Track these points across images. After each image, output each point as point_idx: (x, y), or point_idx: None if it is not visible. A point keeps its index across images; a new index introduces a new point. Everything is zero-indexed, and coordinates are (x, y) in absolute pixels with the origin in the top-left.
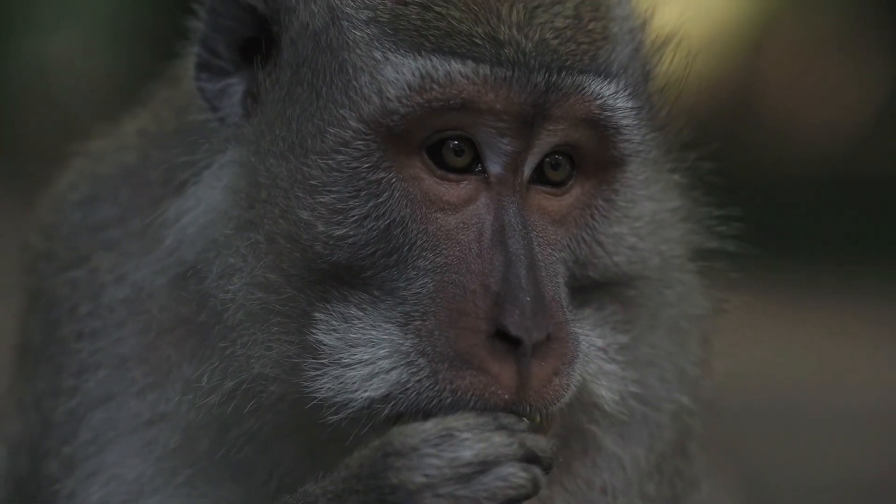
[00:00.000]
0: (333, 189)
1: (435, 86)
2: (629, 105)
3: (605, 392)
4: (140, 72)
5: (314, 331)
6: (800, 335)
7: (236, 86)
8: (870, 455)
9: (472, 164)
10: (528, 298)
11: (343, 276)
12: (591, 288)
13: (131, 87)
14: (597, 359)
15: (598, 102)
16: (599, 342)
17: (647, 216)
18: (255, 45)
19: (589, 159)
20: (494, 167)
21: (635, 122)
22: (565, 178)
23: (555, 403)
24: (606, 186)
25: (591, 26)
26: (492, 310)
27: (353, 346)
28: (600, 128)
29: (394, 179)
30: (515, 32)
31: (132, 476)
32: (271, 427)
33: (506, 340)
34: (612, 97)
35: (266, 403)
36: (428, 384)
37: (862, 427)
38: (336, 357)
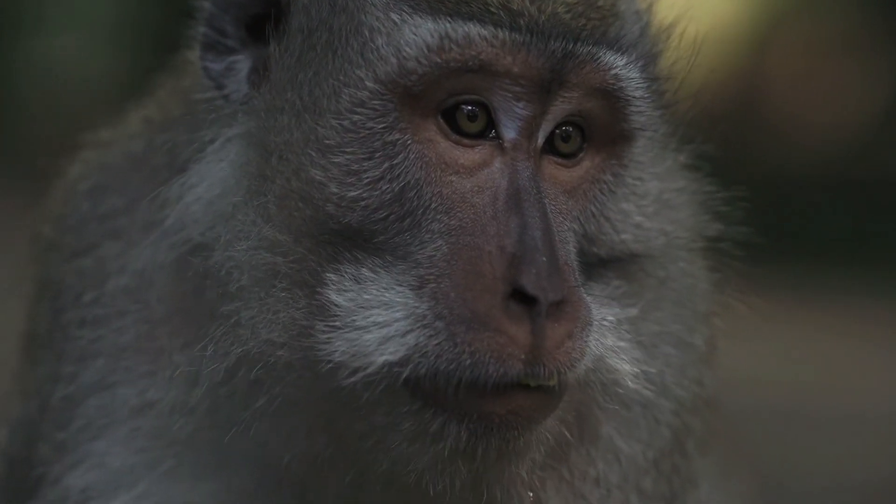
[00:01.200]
0: (348, 150)
1: (454, 46)
2: (640, 78)
3: (626, 366)
4: (144, 71)
5: (326, 291)
6: (802, 335)
7: (242, 63)
8: (874, 457)
9: (486, 129)
10: (543, 259)
11: (355, 240)
12: (596, 265)
13: (136, 86)
14: (611, 333)
15: (613, 73)
16: (610, 317)
17: (654, 195)
18: (261, 22)
19: (599, 132)
20: (509, 132)
21: (646, 96)
22: (576, 150)
23: (570, 367)
24: (615, 161)
25: (600, 3)
26: (507, 270)
27: (366, 308)
28: (613, 98)
29: (409, 141)
30: (528, 4)
31: (117, 465)
32: (281, 401)
33: (521, 302)
34: (625, 68)
35: (274, 374)
36: (447, 347)
37: (865, 428)
38: (349, 319)
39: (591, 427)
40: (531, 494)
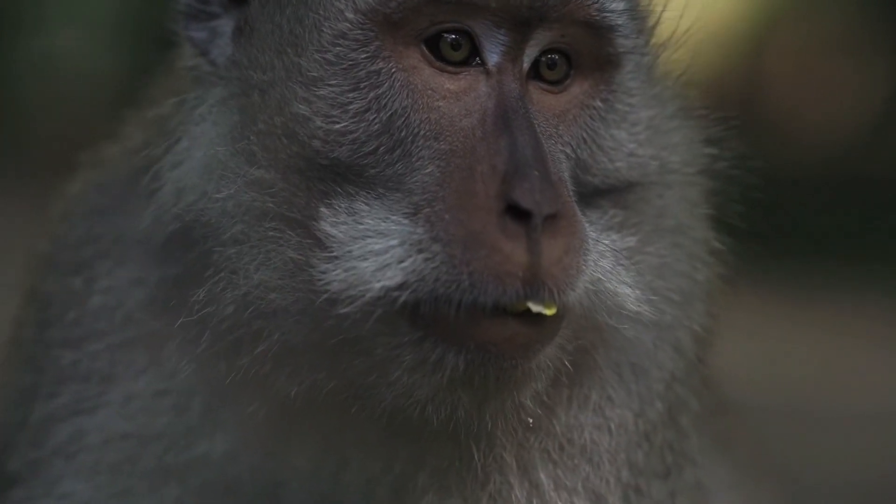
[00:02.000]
0: (332, 83)
1: None
2: (624, 5)
3: (626, 289)
4: (146, 69)
5: (321, 224)
6: (800, 333)
7: (225, 25)
8: (875, 456)
9: (470, 56)
10: (535, 173)
11: (346, 175)
12: (593, 195)
13: (138, 85)
14: (609, 256)
15: (596, 6)
16: (609, 244)
17: (645, 122)
18: None
19: (585, 58)
20: (493, 57)
21: (630, 22)
22: (563, 77)
23: (568, 285)
24: (604, 87)
25: None
26: (500, 187)
27: (362, 238)
28: (596, 27)
29: (393, 69)
30: None
31: (84, 499)
32: (280, 348)
33: (516, 218)
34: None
35: (272, 321)
36: (444, 269)
37: (866, 427)
38: (346, 250)
39: (588, 376)
40: (531, 420)
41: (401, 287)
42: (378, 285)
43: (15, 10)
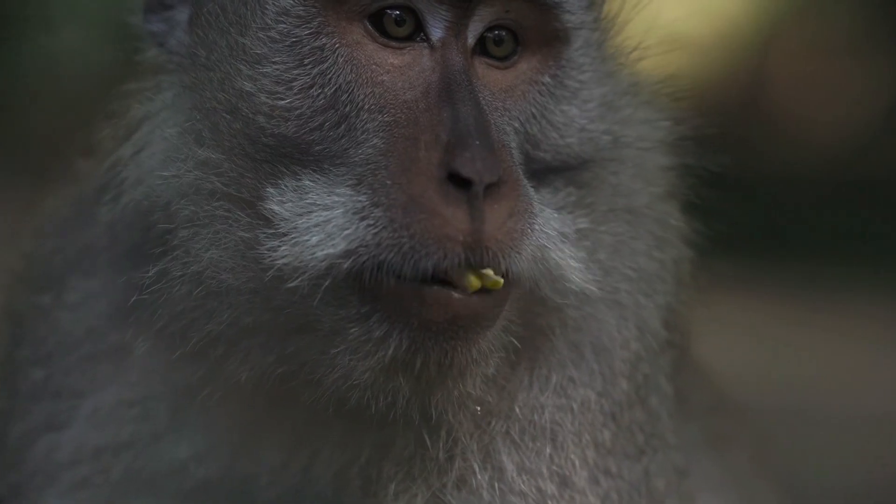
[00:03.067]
0: (276, 60)
1: None
2: None
3: (572, 262)
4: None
5: (267, 203)
6: (800, 334)
7: (180, 14)
8: (877, 457)
9: (415, 32)
10: (477, 143)
11: (292, 154)
12: (545, 172)
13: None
14: (557, 230)
15: None
16: (558, 224)
17: (598, 98)
18: None
19: (531, 34)
20: (436, 32)
21: None
22: (509, 53)
23: (513, 249)
24: (552, 62)
25: None
26: (443, 156)
27: (307, 213)
28: (540, 3)
29: (336, 45)
30: None
31: None
32: (229, 327)
33: (458, 186)
34: None
35: (223, 300)
36: (386, 234)
37: (867, 428)
38: (292, 225)
39: (540, 358)
40: (478, 409)
41: (344, 255)
42: (321, 253)
43: (17, 10)
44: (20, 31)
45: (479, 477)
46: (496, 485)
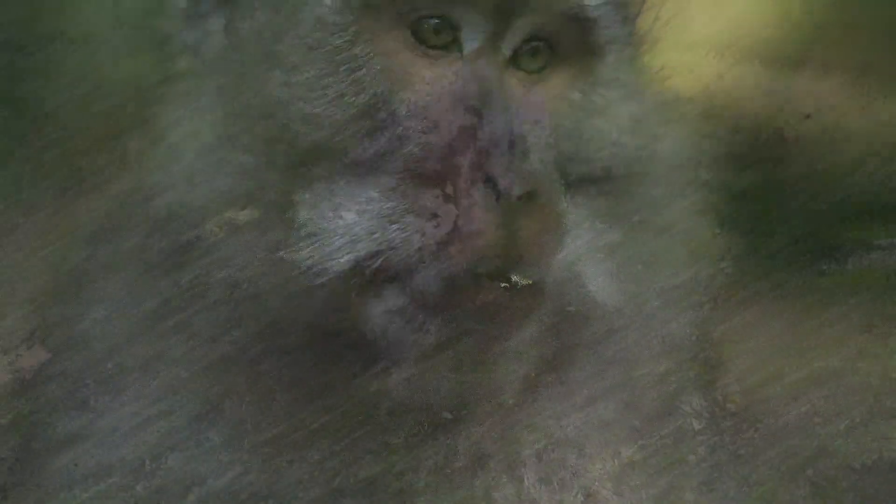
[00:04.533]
0: (311, 67)
1: None
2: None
3: (601, 275)
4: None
5: (299, 208)
6: (843, 350)
7: (215, 24)
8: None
9: (452, 43)
10: (510, 153)
11: (325, 159)
12: (576, 185)
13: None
14: (588, 248)
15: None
16: (589, 237)
17: (629, 114)
18: None
19: (566, 47)
20: (473, 44)
21: (612, 12)
22: (542, 66)
23: (542, 259)
24: (585, 77)
25: None
26: (477, 166)
27: (338, 218)
28: (577, 18)
29: (372, 54)
30: None
31: None
32: (264, 332)
33: (492, 196)
34: None
35: (257, 305)
36: (416, 239)
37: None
38: (321, 227)
39: (568, 371)
40: (512, 402)
41: (372, 257)
42: (347, 257)
43: (55, 19)
44: (54, 41)
45: (504, 490)
46: (520, 496)
